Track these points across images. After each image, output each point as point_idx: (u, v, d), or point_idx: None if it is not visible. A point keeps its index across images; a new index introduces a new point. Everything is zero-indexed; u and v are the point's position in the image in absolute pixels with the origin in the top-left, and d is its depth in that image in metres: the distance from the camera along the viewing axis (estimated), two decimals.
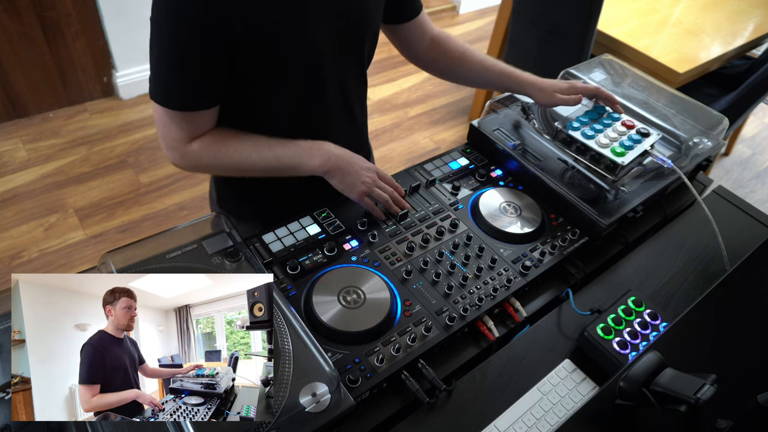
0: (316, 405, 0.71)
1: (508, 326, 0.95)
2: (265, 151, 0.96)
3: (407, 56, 1.23)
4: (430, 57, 1.20)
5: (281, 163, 0.97)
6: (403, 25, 1.14)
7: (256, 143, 0.96)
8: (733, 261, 1.05)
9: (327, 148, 0.99)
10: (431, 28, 1.19)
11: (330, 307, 0.86)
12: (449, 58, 1.19)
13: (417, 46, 1.19)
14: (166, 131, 0.93)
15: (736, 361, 0.76)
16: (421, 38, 1.18)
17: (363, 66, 1.09)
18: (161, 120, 0.92)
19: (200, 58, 0.85)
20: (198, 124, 0.93)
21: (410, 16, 1.13)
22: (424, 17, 1.16)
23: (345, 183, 0.99)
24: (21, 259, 2.10)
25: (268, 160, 0.96)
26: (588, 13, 1.98)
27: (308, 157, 0.97)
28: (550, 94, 1.13)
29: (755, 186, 2.96)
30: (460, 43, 1.20)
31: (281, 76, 0.94)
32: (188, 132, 0.93)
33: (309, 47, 0.93)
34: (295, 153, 0.97)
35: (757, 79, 2.21)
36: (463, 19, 4.02)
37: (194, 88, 0.89)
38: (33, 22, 2.39)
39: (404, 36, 1.17)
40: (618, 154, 1.09)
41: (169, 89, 0.88)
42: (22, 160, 2.45)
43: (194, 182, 2.47)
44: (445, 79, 1.26)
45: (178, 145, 0.94)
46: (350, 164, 0.99)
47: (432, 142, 2.91)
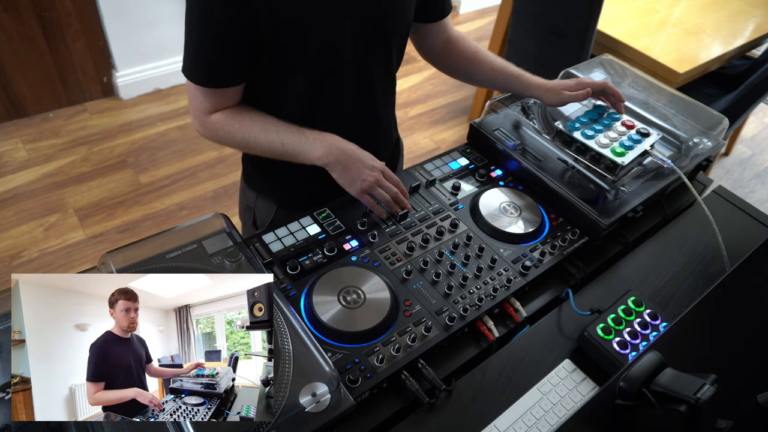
0: (316, 405, 0.71)
1: (508, 326, 0.95)
2: (272, 134, 0.99)
3: (422, 54, 1.24)
4: (444, 56, 1.22)
5: (285, 148, 0.99)
6: (429, 24, 1.16)
7: (266, 125, 1.00)
8: (733, 261, 1.05)
9: (331, 140, 1.00)
10: (450, 30, 1.20)
11: (330, 307, 0.86)
12: (461, 58, 1.20)
13: (434, 46, 1.20)
14: (193, 101, 1.00)
15: (736, 361, 0.76)
16: (440, 38, 1.19)
17: (391, 64, 1.10)
18: (190, 90, 0.99)
19: (226, 39, 0.91)
20: (222, 99, 0.99)
21: (438, 17, 1.15)
22: (448, 19, 1.18)
23: (345, 178, 1.00)
24: (21, 259, 2.10)
25: (274, 143, 0.99)
26: (588, 13, 1.98)
27: (311, 147, 0.99)
28: (558, 93, 1.13)
29: (755, 186, 2.96)
30: (473, 45, 1.21)
31: (302, 68, 0.97)
32: (211, 105, 0.99)
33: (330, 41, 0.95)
34: (299, 141, 0.99)
35: (757, 79, 2.21)
36: (463, 19, 4.02)
37: (219, 68, 0.95)
38: (33, 22, 2.39)
39: (425, 34, 1.18)
40: (618, 154, 1.09)
41: (196, 65, 0.95)
42: (22, 160, 2.45)
43: (194, 182, 2.48)
44: (455, 78, 1.27)
45: (200, 115, 1.00)
46: (352, 160, 0.99)
47: (432, 142, 2.91)
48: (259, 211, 1.22)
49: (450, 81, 3.30)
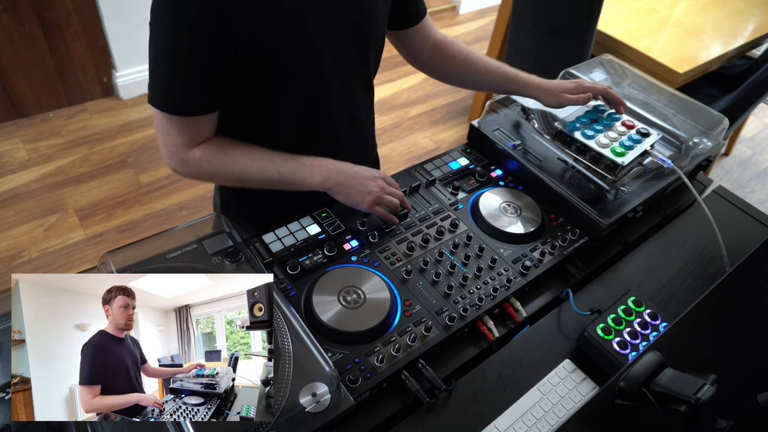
0: (316, 405, 0.71)
1: (508, 326, 0.95)
2: (266, 164, 0.95)
3: (410, 61, 1.22)
4: (434, 62, 1.19)
5: (282, 177, 0.96)
6: (407, 30, 1.13)
7: (259, 156, 0.96)
8: (733, 261, 1.05)
9: (327, 164, 0.98)
10: (434, 33, 1.18)
11: (330, 307, 0.86)
12: (452, 62, 1.18)
13: (420, 51, 1.18)
14: (166, 137, 0.91)
15: (736, 361, 0.76)
16: (425, 43, 1.17)
17: (369, 75, 1.08)
18: (160, 125, 0.90)
19: (200, 61, 0.84)
20: (198, 129, 0.92)
21: (414, 21, 1.13)
22: (427, 22, 1.15)
23: (351, 197, 0.99)
24: (21, 259, 2.10)
25: (270, 174, 0.95)
26: (588, 13, 1.98)
27: (309, 174, 0.97)
28: (557, 95, 1.11)
29: (755, 186, 2.96)
30: (463, 47, 1.19)
31: (283, 84, 0.93)
32: (189, 138, 0.91)
33: (310, 55, 0.92)
34: (296, 169, 0.96)
35: (757, 79, 2.21)
36: (463, 19, 4.02)
37: (194, 93, 0.87)
38: (33, 22, 2.39)
39: (408, 41, 1.16)
40: (618, 154, 1.09)
41: (167, 93, 0.87)
42: (22, 160, 2.45)
43: (194, 182, 2.47)
44: (449, 84, 1.25)
45: (178, 150, 0.92)
46: (352, 177, 0.98)
47: (432, 142, 2.91)
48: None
49: None
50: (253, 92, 0.93)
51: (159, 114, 0.88)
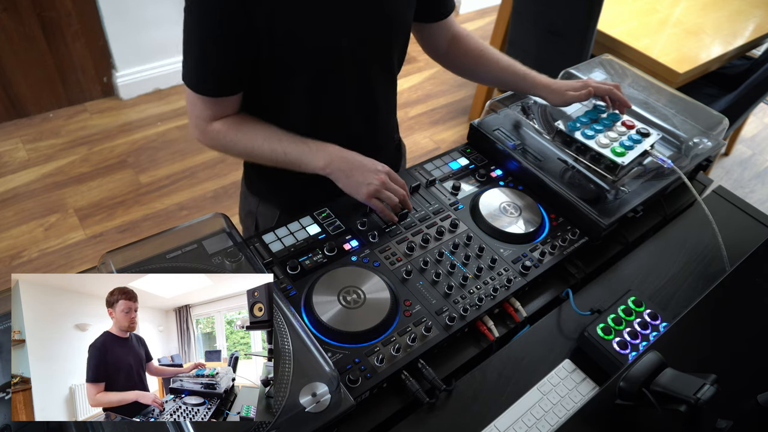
0: (316, 405, 0.71)
1: (508, 326, 0.95)
2: (275, 143, 1.00)
3: (427, 51, 1.24)
4: (450, 54, 1.22)
5: (287, 157, 1.00)
6: (434, 23, 1.15)
7: (269, 135, 1.00)
8: (733, 261, 1.05)
9: (331, 150, 1.01)
10: (454, 26, 1.20)
11: (330, 307, 0.86)
12: (467, 57, 1.20)
13: (439, 44, 1.20)
14: (192, 109, 1.00)
15: (736, 361, 0.76)
16: (445, 36, 1.19)
17: (393, 70, 1.10)
18: (189, 98, 0.99)
19: (228, 49, 0.91)
20: (221, 107, 0.99)
21: (443, 16, 1.15)
22: (452, 16, 1.18)
23: (350, 186, 1.00)
24: (21, 259, 2.10)
25: (277, 153, 1.00)
26: (588, 13, 1.98)
27: (313, 157, 1.00)
28: (562, 94, 1.14)
29: (755, 186, 2.96)
30: (479, 42, 1.21)
31: (300, 73, 0.97)
32: (212, 113, 0.99)
33: (329, 48, 0.95)
34: (302, 150, 1.00)
35: (757, 79, 2.21)
36: (463, 19, 4.02)
37: (221, 77, 0.95)
38: (33, 22, 2.39)
39: (430, 33, 1.18)
40: (618, 154, 1.09)
41: (197, 75, 0.95)
42: (22, 160, 2.45)
43: (194, 182, 2.48)
44: (461, 76, 1.28)
45: (201, 123, 1.00)
46: (354, 167, 1.00)
47: (432, 142, 2.91)
48: (262, 217, 1.22)
49: (450, 81, 3.30)
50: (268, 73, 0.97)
51: (188, 89, 0.97)
